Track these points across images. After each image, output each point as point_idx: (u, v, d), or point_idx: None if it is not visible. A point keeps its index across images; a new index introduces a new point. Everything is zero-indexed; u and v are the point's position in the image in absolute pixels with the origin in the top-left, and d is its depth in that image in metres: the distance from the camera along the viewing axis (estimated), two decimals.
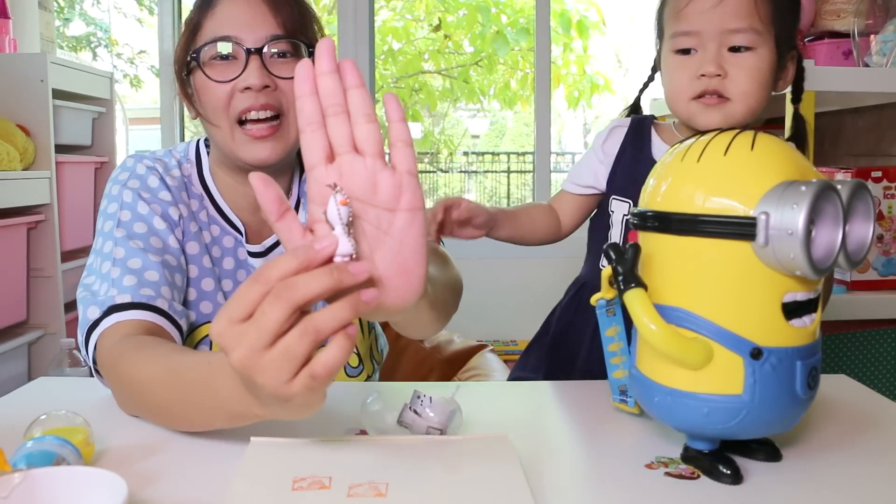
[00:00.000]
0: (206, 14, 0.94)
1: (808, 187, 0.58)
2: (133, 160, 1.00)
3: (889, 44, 1.47)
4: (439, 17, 5.80)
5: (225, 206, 1.01)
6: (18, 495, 0.54)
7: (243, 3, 0.93)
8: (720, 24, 0.87)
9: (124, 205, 0.94)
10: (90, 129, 2.65)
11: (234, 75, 0.92)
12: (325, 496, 0.60)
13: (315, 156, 0.60)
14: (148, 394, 0.76)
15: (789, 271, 0.60)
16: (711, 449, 0.67)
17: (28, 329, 2.30)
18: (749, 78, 0.88)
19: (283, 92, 0.93)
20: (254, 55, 0.91)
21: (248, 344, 0.53)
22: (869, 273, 1.61)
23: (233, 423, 0.68)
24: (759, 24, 0.87)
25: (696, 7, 0.88)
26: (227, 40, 0.92)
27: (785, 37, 0.90)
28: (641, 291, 0.62)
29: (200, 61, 0.93)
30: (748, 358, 0.62)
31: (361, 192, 0.60)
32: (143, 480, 0.65)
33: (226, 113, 0.93)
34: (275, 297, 0.53)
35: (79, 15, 6.09)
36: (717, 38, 0.87)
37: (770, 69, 0.89)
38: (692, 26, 0.88)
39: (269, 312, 0.52)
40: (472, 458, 0.67)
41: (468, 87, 6.03)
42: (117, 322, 0.84)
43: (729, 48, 0.88)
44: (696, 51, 0.89)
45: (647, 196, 0.68)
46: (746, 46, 0.88)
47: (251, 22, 0.92)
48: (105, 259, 0.90)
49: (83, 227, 2.60)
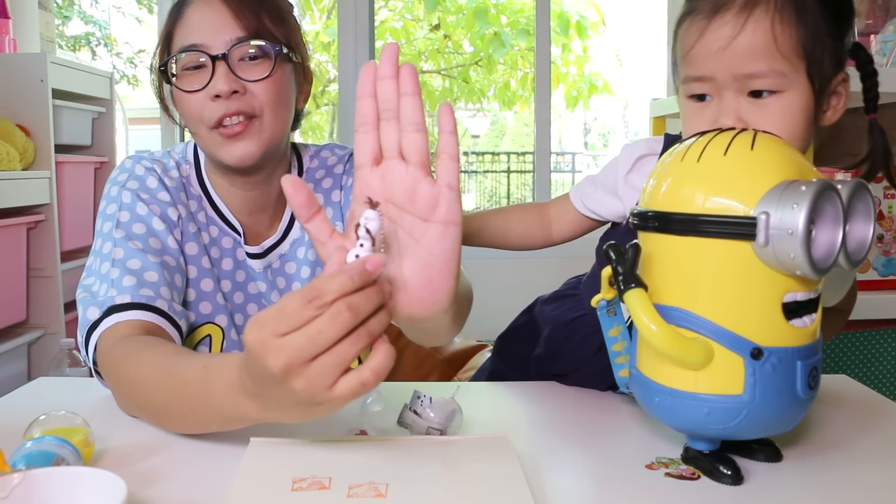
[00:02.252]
0: (177, 23, 0.93)
1: (809, 187, 0.58)
2: (131, 161, 1.00)
3: (889, 44, 1.47)
4: (438, 17, 5.80)
5: (223, 206, 1.01)
6: (18, 495, 0.54)
7: (206, 9, 0.92)
8: (733, 68, 0.71)
9: (123, 206, 0.94)
10: (90, 129, 2.65)
11: (202, 84, 0.90)
12: (325, 496, 0.60)
13: (363, 157, 0.62)
14: (146, 395, 0.76)
15: (789, 271, 0.60)
16: (712, 449, 0.67)
17: (28, 329, 2.29)
18: (775, 129, 0.70)
19: (253, 95, 0.91)
20: (220, 61, 0.90)
21: (296, 354, 0.54)
22: (869, 273, 1.61)
23: (227, 427, 0.69)
24: (782, 64, 0.70)
25: (704, 49, 0.73)
26: (193, 49, 0.90)
27: (823, 65, 0.72)
28: (642, 292, 0.62)
29: (170, 73, 0.93)
30: (748, 358, 0.62)
31: (400, 198, 0.61)
32: (143, 480, 0.65)
33: (199, 122, 0.92)
34: (334, 318, 0.53)
35: (77, 14, 6.08)
36: (732, 85, 0.72)
37: (804, 110, 0.72)
38: (703, 71, 0.73)
39: (328, 331, 0.53)
40: (472, 458, 0.67)
41: (468, 87, 6.03)
42: (117, 322, 0.84)
43: (749, 93, 0.72)
44: (711, 97, 0.74)
45: (646, 196, 0.68)
46: (771, 90, 0.71)
47: (215, 27, 0.91)
48: (104, 260, 0.90)
49: (83, 227, 2.60)
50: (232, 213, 1.02)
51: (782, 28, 0.70)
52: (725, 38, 0.71)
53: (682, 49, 0.76)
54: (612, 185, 0.89)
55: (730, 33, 0.71)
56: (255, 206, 1.02)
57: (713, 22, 0.72)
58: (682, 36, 0.76)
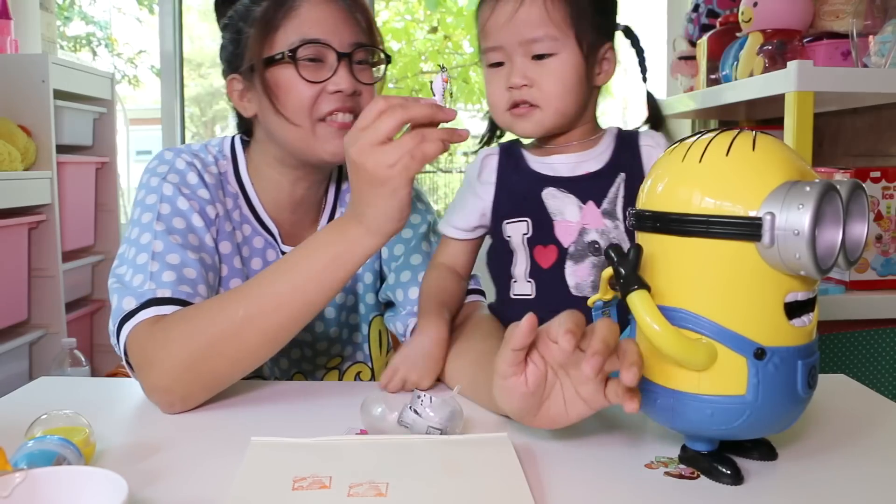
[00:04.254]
0: (285, 14, 0.94)
1: (813, 187, 0.58)
2: (171, 153, 1.00)
3: (888, 44, 1.47)
4: (438, 19, 5.80)
5: (259, 206, 1.02)
6: (19, 495, 0.54)
7: (326, 8, 0.95)
8: (518, 35, 0.89)
9: (164, 198, 0.94)
10: (91, 130, 2.66)
11: (322, 77, 0.93)
12: (325, 496, 0.60)
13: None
14: (215, 324, 0.81)
15: (793, 271, 0.60)
16: (710, 450, 0.67)
17: (29, 329, 2.30)
18: (554, 83, 0.89)
19: (363, 97, 0.96)
20: (344, 59, 0.94)
21: (364, 139, 0.74)
22: (868, 273, 1.61)
23: (335, 265, 0.80)
24: (554, 30, 0.89)
25: (494, 23, 0.91)
26: (318, 43, 0.93)
27: (590, 34, 0.90)
28: (645, 293, 0.62)
29: (296, 59, 0.93)
30: (752, 358, 0.62)
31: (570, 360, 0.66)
32: (143, 480, 0.65)
33: (309, 112, 0.94)
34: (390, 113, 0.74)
35: (78, 14, 6.08)
36: (518, 49, 0.90)
37: (576, 70, 0.90)
38: (495, 41, 0.91)
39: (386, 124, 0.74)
40: (472, 458, 0.68)
41: (468, 87, 6.03)
42: (155, 315, 0.84)
43: (532, 56, 0.90)
44: (504, 63, 0.92)
45: (646, 197, 0.68)
46: (548, 53, 0.89)
47: (337, 27, 0.95)
48: (142, 250, 0.90)
49: (84, 227, 2.60)
50: (267, 213, 1.02)
51: (553, 3, 0.89)
52: (509, 13, 0.89)
53: (479, 27, 0.94)
54: (470, 188, 0.99)
55: (512, 8, 0.89)
56: (300, 204, 1.04)
57: (499, 2, 0.90)
58: (479, 17, 0.94)
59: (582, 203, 0.92)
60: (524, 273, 0.94)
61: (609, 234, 0.92)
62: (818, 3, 1.63)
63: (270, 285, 0.82)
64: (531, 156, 0.97)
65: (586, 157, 0.94)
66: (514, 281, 0.95)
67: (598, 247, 0.92)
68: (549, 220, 0.93)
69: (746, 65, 1.65)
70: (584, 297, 0.90)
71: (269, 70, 0.94)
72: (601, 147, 0.95)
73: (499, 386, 0.68)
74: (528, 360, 0.67)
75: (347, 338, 1.12)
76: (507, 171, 0.97)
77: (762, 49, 1.59)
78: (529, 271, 0.94)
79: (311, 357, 1.09)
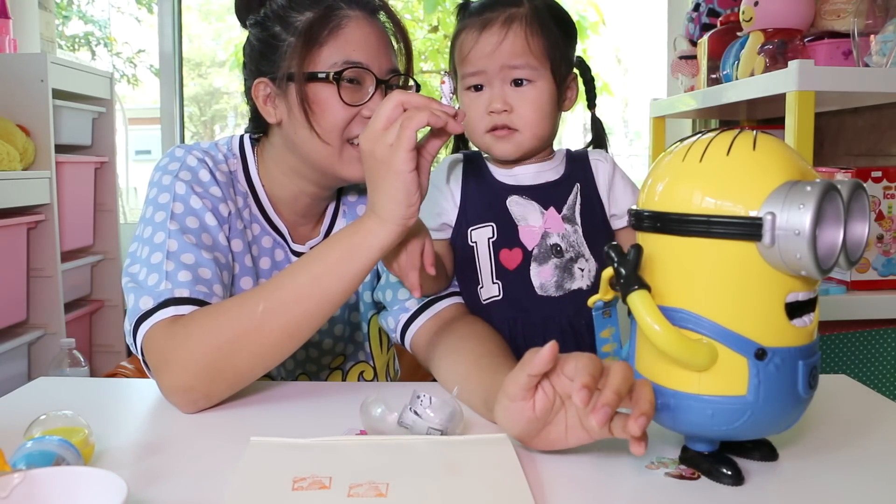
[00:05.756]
0: (331, 31, 0.94)
1: (814, 187, 0.58)
2: (182, 151, 0.99)
3: (889, 44, 1.47)
4: (437, 18, 5.79)
5: (268, 205, 1.02)
6: (18, 495, 0.54)
7: (370, 32, 0.95)
8: (501, 61, 0.96)
9: (177, 196, 0.93)
10: (90, 129, 2.65)
11: (359, 101, 0.94)
12: (325, 496, 0.60)
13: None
14: (236, 319, 0.81)
15: (794, 271, 0.60)
16: (711, 450, 0.67)
17: (28, 329, 2.30)
18: (532, 110, 0.96)
19: None
20: (381, 86, 0.95)
21: (371, 128, 0.79)
22: (869, 273, 1.61)
23: (351, 255, 0.81)
24: (533, 61, 0.96)
25: (479, 52, 0.97)
26: (360, 66, 0.93)
27: (560, 65, 0.98)
28: (645, 293, 0.62)
29: (340, 80, 0.93)
30: (752, 359, 0.62)
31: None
32: (143, 480, 0.65)
33: (340, 133, 0.94)
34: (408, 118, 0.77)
35: (77, 14, 6.08)
36: (499, 75, 0.96)
37: (550, 98, 0.98)
38: (478, 67, 0.97)
39: (407, 128, 0.76)
40: (472, 458, 0.67)
41: None
42: (174, 315, 0.84)
43: (511, 81, 0.96)
44: (484, 87, 0.98)
45: (646, 196, 0.68)
46: (527, 80, 0.96)
47: (379, 50, 0.96)
48: (156, 249, 0.89)
49: (83, 227, 2.60)
50: (276, 213, 1.02)
51: (532, 37, 0.96)
52: (494, 44, 0.96)
53: (461, 54, 1.00)
54: (438, 194, 1.03)
55: (496, 40, 0.96)
56: (309, 208, 1.04)
57: (483, 33, 0.97)
58: (459, 45, 1.01)
59: (544, 209, 0.99)
60: (490, 276, 0.99)
61: (569, 237, 0.99)
62: (819, 2, 1.63)
63: (290, 279, 0.83)
64: (494, 167, 1.03)
65: (545, 167, 1.02)
66: (480, 287, 1.00)
67: (559, 249, 0.98)
68: (514, 226, 0.99)
69: (747, 64, 1.65)
70: (549, 296, 0.98)
71: (308, 85, 0.93)
72: (556, 161, 1.03)
73: (505, 406, 0.68)
74: (538, 386, 0.67)
75: (350, 336, 1.12)
76: (472, 177, 1.03)
77: (763, 48, 1.59)
78: (495, 273, 0.99)
79: (315, 357, 1.10)
